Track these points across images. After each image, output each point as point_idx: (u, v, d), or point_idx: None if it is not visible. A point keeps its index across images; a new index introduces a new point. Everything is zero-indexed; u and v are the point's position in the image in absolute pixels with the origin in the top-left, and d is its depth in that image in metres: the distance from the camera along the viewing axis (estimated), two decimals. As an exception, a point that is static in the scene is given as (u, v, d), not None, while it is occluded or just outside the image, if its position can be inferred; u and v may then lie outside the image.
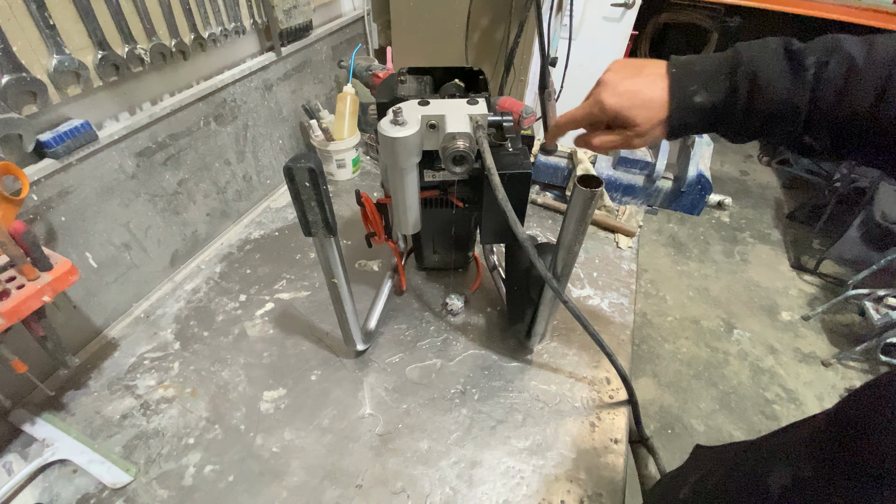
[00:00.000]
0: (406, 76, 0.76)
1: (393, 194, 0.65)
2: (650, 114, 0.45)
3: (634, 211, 1.10)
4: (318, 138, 1.13)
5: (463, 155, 0.56)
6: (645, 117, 0.45)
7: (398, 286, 0.90)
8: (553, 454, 0.67)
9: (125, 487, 0.62)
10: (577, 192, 0.51)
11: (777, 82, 0.40)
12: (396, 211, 0.68)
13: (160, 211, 0.86)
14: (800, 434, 0.37)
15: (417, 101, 0.60)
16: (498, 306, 0.89)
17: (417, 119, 0.57)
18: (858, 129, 0.39)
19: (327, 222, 0.53)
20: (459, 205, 0.73)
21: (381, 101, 0.68)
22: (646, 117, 0.45)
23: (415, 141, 0.57)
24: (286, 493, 0.62)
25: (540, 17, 1.18)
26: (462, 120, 0.57)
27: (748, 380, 1.90)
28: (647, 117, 0.45)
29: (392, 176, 0.62)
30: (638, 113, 0.45)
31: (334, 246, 0.58)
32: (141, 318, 0.85)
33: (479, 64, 1.39)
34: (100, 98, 0.72)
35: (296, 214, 0.53)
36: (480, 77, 0.75)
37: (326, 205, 0.52)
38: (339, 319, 0.69)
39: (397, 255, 0.85)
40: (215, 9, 0.85)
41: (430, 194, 0.72)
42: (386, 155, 0.59)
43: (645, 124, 0.46)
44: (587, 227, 0.55)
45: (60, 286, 0.59)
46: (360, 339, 0.74)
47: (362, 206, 0.74)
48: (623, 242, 1.03)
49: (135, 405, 0.71)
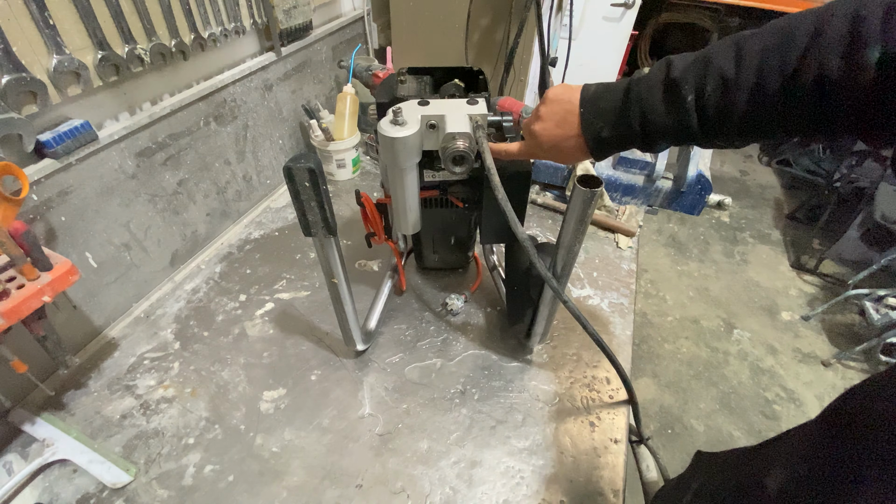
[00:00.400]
0: (406, 76, 0.76)
1: (393, 194, 0.65)
2: (575, 154, 0.54)
3: (634, 211, 1.10)
4: (318, 138, 1.13)
5: (463, 155, 0.56)
6: (570, 159, 0.55)
7: (398, 286, 0.90)
8: (553, 454, 0.67)
9: (125, 487, 0.62)
10: (577, 192, 0.51)
11: (662, 116, 0.46)
12: (396, 211, 0.68)
13: (160, 211, 0.86)
14: (797, 437, 0.38)
15: (417, 101, 0.60)
16: (498, 306, 0.89)
17: (417, 119, 0.57)
18: (752, 122, 0.42)
19: (327, 222, 0.53)
20: (459, 205, 0.73)
21: (381, 101, 0.68)
22: (571, 158, 0.55)
23: (415, 141, 0.57)
24: (286, 493, 0.62)
25: (540, 17, 1.18)
26: (462, 120, 0.57)
27: (748, 380, 1.90)
28: (572, 158, 0.55)
29: (392, 176, 0.62)
30: (564, 159, 0.56)
31: (334, 246, 0.58)
32: (141, 318, 0.85)
33: (479, 64, 1.39)
34: (100, 98, 0.72)
35: (296, 214, 0.53)
36: (480, 77, 0.75)
37: (326, 205, 0.52)
38: (339, 319, 0.69)
39: (397, 255, 0.85)
40: (215, 9, 0.85)
41: (430, 194, 0.72)
42: (386, 155, 0.59)
43: (571, 161, 0.56)
44: (587, 227, 0.55)
45: (60, 286, 0.59)
46: (360, 339, 0.74)
47: (362, 205, 0.74)
48: (623, 242, 1.03)
49: (135, 405, 0.71)
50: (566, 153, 0.54)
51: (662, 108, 0.45)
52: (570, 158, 0.55)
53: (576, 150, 0.53)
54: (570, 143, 0.53)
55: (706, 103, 0.43)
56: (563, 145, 0.53)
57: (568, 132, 0.52)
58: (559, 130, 0.53)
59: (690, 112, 0.44)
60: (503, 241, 0.79)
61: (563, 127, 0.52)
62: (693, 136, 0.46)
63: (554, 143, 0.54)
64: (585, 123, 0.51)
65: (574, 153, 0.54)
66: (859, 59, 0.34)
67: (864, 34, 0.34)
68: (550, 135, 0.53)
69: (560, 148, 0.54)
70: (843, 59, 0.35)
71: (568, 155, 0.54)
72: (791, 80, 0.38)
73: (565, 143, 0.53)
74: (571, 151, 0.54)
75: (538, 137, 0.55)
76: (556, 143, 0.54)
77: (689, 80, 0.43)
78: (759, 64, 0.39)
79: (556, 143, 0.54)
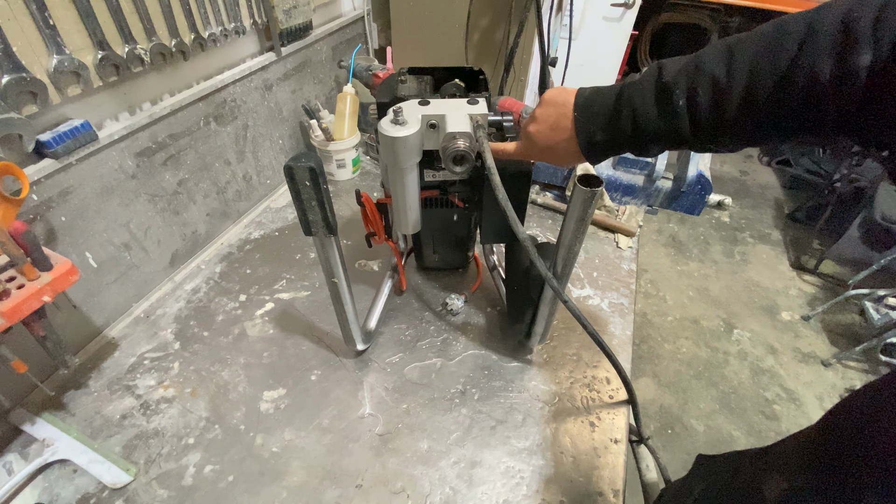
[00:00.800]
0: (406, 76, 0.76)
1: (393, 194, 0.65)
2: (569, 157, 0.54)
3: (634, 211, 1.10)
4: (318, 138, 1.13)
5: (463, 154, 0.56)
6: (565, 161, 0.56)
7: (398, 286, 0.90)
8: (553, 454, 0.67)
9: (125, 487, 0.62)
10: (577, 192, 0.51)
11: (654, 120, 0.46)
12: (396, 211, 0.67)
13: (160, 211, 0.86)
14: (794, 444, 0.38)
15: (418, 101, 0.60)
16: (498, 306, 0.89)
17: (418, 119, 0.57)
18: (744, 126, 0.42)
19: (327, 222, 0.53)
20: (459, 205, 0.73)
21: (381, 101, 0.68)
22: (566, 161, 0.55)
23: (415, 140, 0.57)
24: (286, 493, 0.62)
25: (540, 17, 1.18)
26: (462, 119, 0.57)
27: (748, 380, 1.90)
28: (566, 160, 0.55)
29: (392, 176, 0.62)
30: (558, 161, 0.56)
31: (334, 245, 0.58)
32: (141, 318, 0.85)
33: (479, 64, 1.39)
34: (100, 98, 0.72)
35: (296, 214, 0.53)
36: (481, 77, 0.74)
37: (327, 204, 0.52)
38: (339, 319, 0.69)
39: (397, 255, 0.85)
40: (215, 9, 0.85)
41: (430, 194, 0.71)
42: (386, 154, 0.58)
43: (566, 163, 0.56)
44: (587, 227, 0.55)
45: (60, 286, 0.59)
46: (360, 338, 0.74)
47: (362, 205, 0.74)
48: (623, 242, 1.03)
49: (135, 405, 0.71)
50: (560, 155, 0.54)
51: (654, 112, 0.45)
52: (564, 161, 0.55)
53: (569, 153, 0.53)
54: (564, 146, 0.53)
55: (698, 107, 0.43)
56: (557, 148, 0.54)
57: (561, 135, 0.53)
58: (553, 133, 0.53)
59: (682, 116, 0.44)
60: (503, 241, 0.79)
61: (557, 130, 0.53)
62: (685, 141, 0.46)
63: (548, 145, 0.54)
64: (578, 127, 0.51)
65: (567, 156, 0.54)
66: (851, 61, 0.34)
67: (856, 35, 0.33)
68: (545, 137, 0.54)
69: (554, 150, 0.54)
70: (834, 61, 0.35)
71: (561, 157, 0.55)
72: (782, 83, 0.38)
73: (559, 146, 0.53)
74: (564, 154, 0.54)
75: (533, 139, 0.55)
76: (550, 145, 0.54)
77: (681, 83, 0.43)
78: (751, 68, 0.39)
79: (550, 145, 0.54)
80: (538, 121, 0.54)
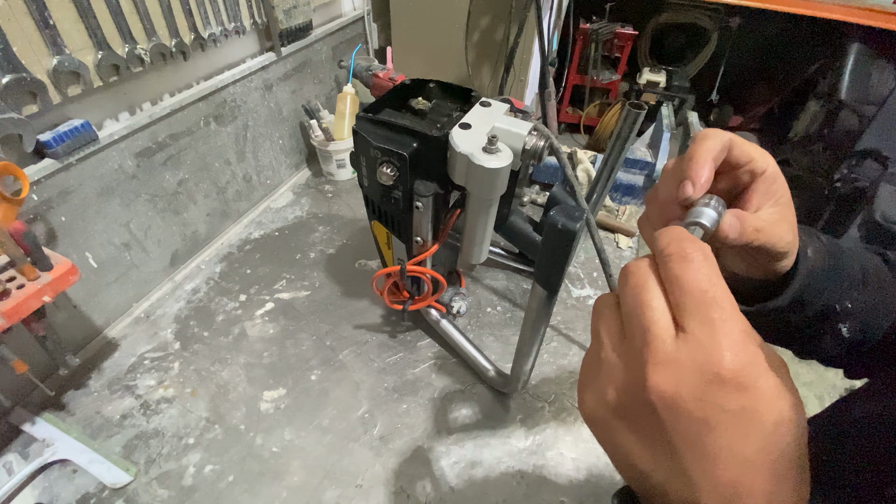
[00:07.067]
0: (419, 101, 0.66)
1: (470, 228, 0.59)
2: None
3: (634, 211, 1.10)
4: (318, 138, 1.13)
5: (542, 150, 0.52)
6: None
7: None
8: (553, 454, 0.67)
9: (125, 487, 0.62)
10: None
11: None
12: (469, 244, 0.62)
13: (160, 211, 0.86)
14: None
15: (459, 125, 0.53)
16: (498, 306, 0.89)
17: (505, 145, 0.51)
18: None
19: (560, 279, 0.48)
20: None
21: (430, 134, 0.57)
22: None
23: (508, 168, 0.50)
24: (286, 493, 0.62)
25: (540, 17, 1.18)
26: (513, 122, 0.53)
27: (748, 380, 1.90)
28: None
29: (475, 208, 0.56)
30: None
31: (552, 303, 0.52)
32: (141, 318, 0.85)
33: (479, 64, 1.39)
34: (100, 98, 0.72)
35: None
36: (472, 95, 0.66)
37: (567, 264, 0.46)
38: (520, 360, 0.64)
39: (462, 282, 0.83)
40: (215, 9, 0.85)
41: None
42: (481, 188, 0.51)
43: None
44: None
45: (60, 286, 0.59)
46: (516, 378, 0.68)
47: (405, 277, 0.67)
48: (623, 242, 1.03)
49: (135, 405, 0.71)
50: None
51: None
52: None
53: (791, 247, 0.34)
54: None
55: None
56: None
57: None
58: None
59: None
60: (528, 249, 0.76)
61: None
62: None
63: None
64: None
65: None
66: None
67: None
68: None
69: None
70: None
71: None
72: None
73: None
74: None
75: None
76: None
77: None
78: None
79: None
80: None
